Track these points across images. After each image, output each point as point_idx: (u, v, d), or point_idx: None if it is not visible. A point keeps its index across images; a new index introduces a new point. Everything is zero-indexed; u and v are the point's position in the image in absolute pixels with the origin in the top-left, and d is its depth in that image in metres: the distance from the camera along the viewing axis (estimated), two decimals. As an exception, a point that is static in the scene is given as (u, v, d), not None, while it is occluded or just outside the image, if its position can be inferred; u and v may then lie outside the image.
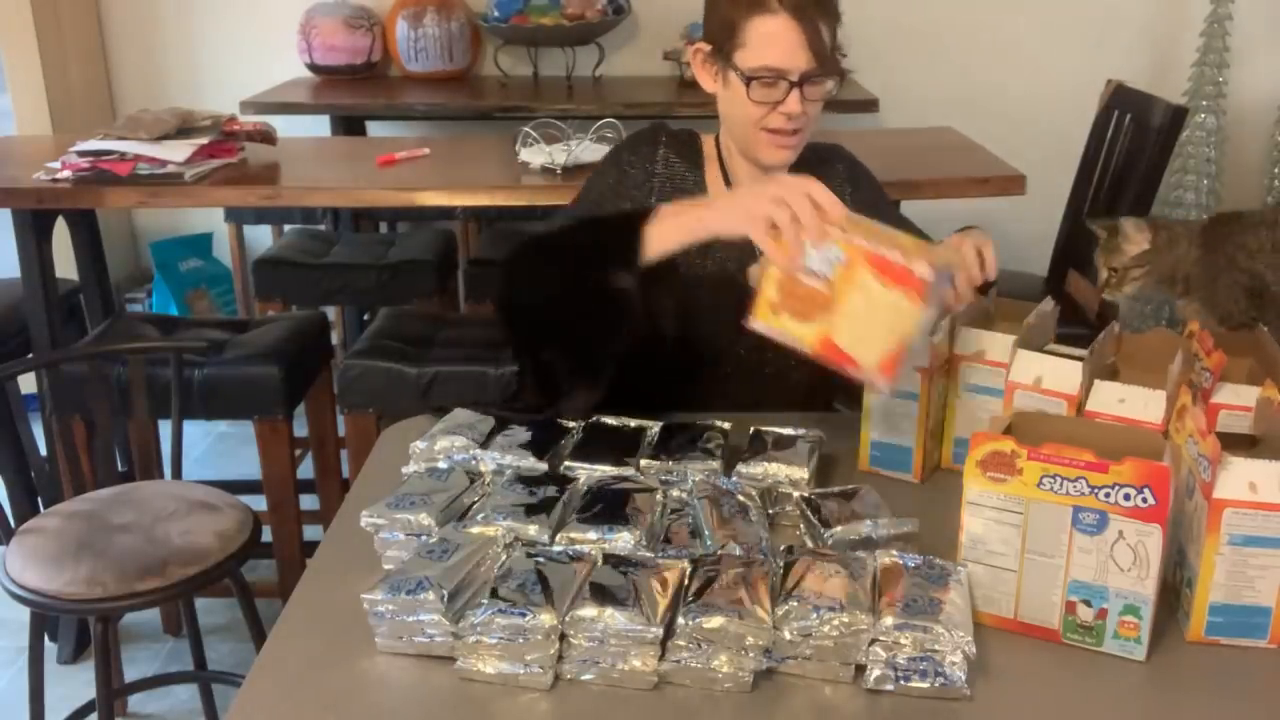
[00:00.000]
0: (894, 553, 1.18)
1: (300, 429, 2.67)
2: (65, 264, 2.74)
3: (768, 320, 1.33)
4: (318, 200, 3.00)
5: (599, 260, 1.46)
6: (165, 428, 2.32)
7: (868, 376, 1.30)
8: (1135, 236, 1.83)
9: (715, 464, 1.39)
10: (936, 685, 1.06)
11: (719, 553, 1.18)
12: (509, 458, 1.39)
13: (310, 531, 2.57)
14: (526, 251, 1.57)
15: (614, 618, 1.06)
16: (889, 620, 1.06)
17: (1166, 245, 1.83)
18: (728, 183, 1.73)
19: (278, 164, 2.56)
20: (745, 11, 1.56)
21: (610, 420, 1.49)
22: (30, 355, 2.59)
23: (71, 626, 2.62)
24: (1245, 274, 1.74)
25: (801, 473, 1.36)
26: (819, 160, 1.77)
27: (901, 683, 1.06)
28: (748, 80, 1.57)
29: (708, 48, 1.64)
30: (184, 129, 2.47)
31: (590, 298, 1.47)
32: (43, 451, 2.43)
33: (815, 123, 1.64)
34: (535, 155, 2.51)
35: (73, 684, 2.51)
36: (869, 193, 1.81)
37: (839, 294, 1.29)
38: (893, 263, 1.26)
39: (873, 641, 1.07)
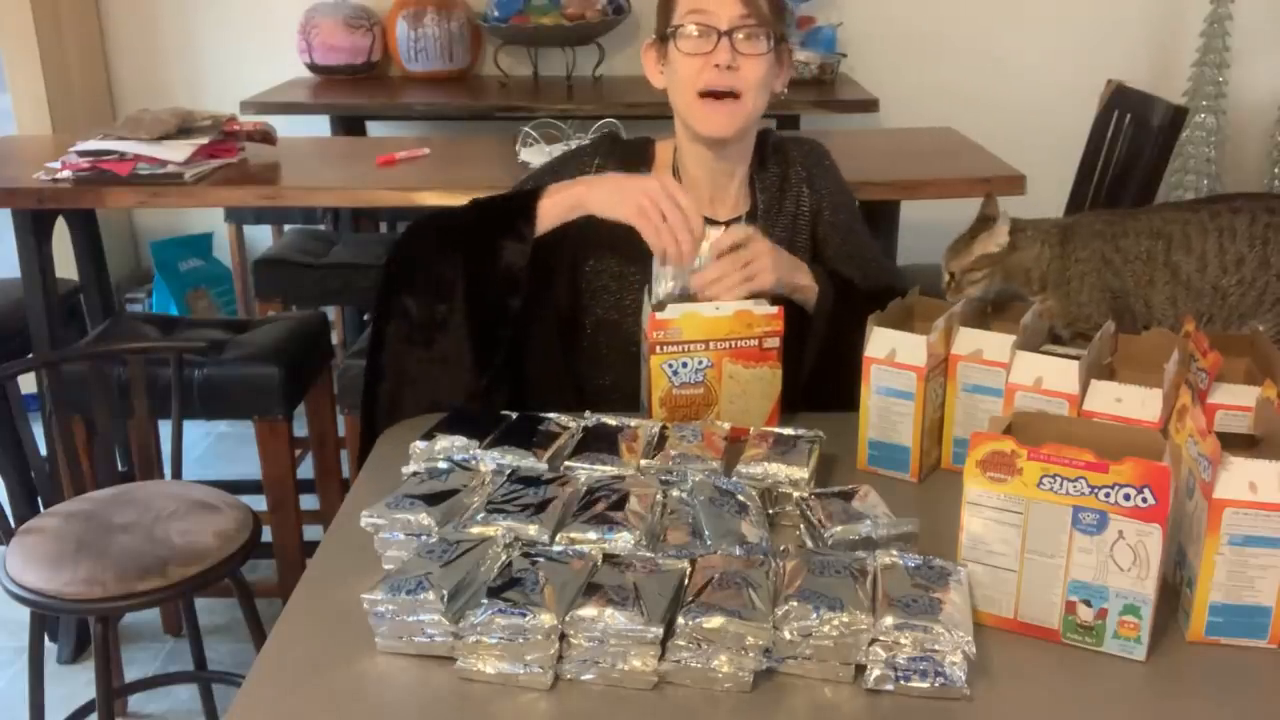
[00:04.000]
0: (894, 553, 1.18)
1: (300, 429, 2.67)
2: (65, 264, 2.74)
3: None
4: (318, 200, 3.01)
5: (495, 231, 1.62)
6: (165, 428, 2.32)
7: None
8: (998, 234, 1.66)
9: (715, 464, 1.39)
10: (936, 685, 1.06)
11: (719, 553, 1.18)
12: (509, 458, 1.39)
13: (310, 531, 2.57)
14: (428, 222, 1.70)
15: (614, 618, 1.06)
16: (889, 620, 1.06)
17: (1022, 246, 1.67)
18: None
19: (278, 164, 2.56)
20: None
21: (610, 420, 1.50)
22: (30, 355, 2.59)
23: (71, 626, 2.62)
24: (1116, 278, 1.67)
25: (801, 473, 1.36)
26: (778, 155, 1.78)
27: (901, 683, 1.06)
28: (675, 31, 1.60)
29: (652, 39, 1.68)
30: (184, 129, 2.48)
31: (482, 272, 1.61)
32: (43, 451, 2.43)
33: (758, 94, 1.64)
34: (535, 155, 2.51)
35: (73, 684, 2.51)
36: (829, 200, 1.79)
37: (713, 389, 1.55)
38: (749, 347, 1.54)
39: (873, 641, 1.07)
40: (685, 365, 1.54)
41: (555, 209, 1.61)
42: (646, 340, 1.54)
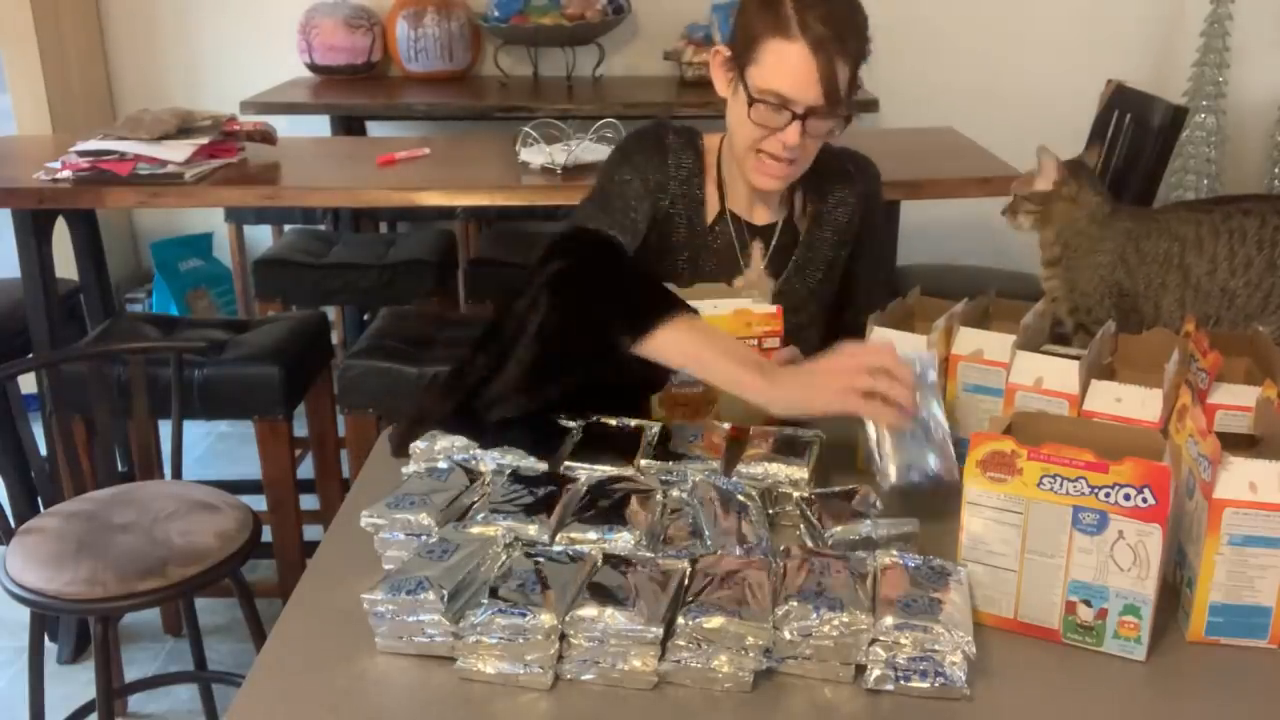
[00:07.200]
0: (894, 553, 1.18)
1: (300, 429, 2.67)
2: (65, 264, 2.74)
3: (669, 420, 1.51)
4: (318, 200, 3.01)
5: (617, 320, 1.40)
6: (165, 428, 2.32)
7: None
8: (1046, 171, 1.73)
9: (715, 464, 1.39)
10: (936, 685, 1.06)
11: (719, 553, 1.18)
12: (509, 458, 1.39)
13: (310, 531, 2.57)
14: (566, 280, 1.47)
15: (614, 618, 1.06)
16: (889, 620, 1.06)
17: (1066, 199, 1.72)
18: (720, 183, 1.71)
19: (278, 164, 2.56)
20: (766, 30, 1.52)
21: (610, 420, 1.49)
22: (30, 355, 2.59)
23: (71, 626, 2.62)
24: (1129, 278, 1.68)
25: (801, 473, 1.36)
26: (838, 171, 1.74)
27: (901, 683, 1.06)
28: (751, 100, 1.54)
29: (727, 52, 1.61)
30: (184, 129, 2.47)
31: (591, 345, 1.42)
32: (43, 451, 2.43)
33: (811, 157, 1.62)
34: (535, 155, 2.51)
35: (73, 684, 2.51)
36: (870, 224, 1.78)
37: (713, 388, 1.48)
38: (751, 348, 1.47)
39: (873, 641, 1.07)
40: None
41: (680, 358, 1.38)
42: None
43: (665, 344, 1.36)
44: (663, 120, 1.76)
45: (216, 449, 3.65)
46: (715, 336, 1.39)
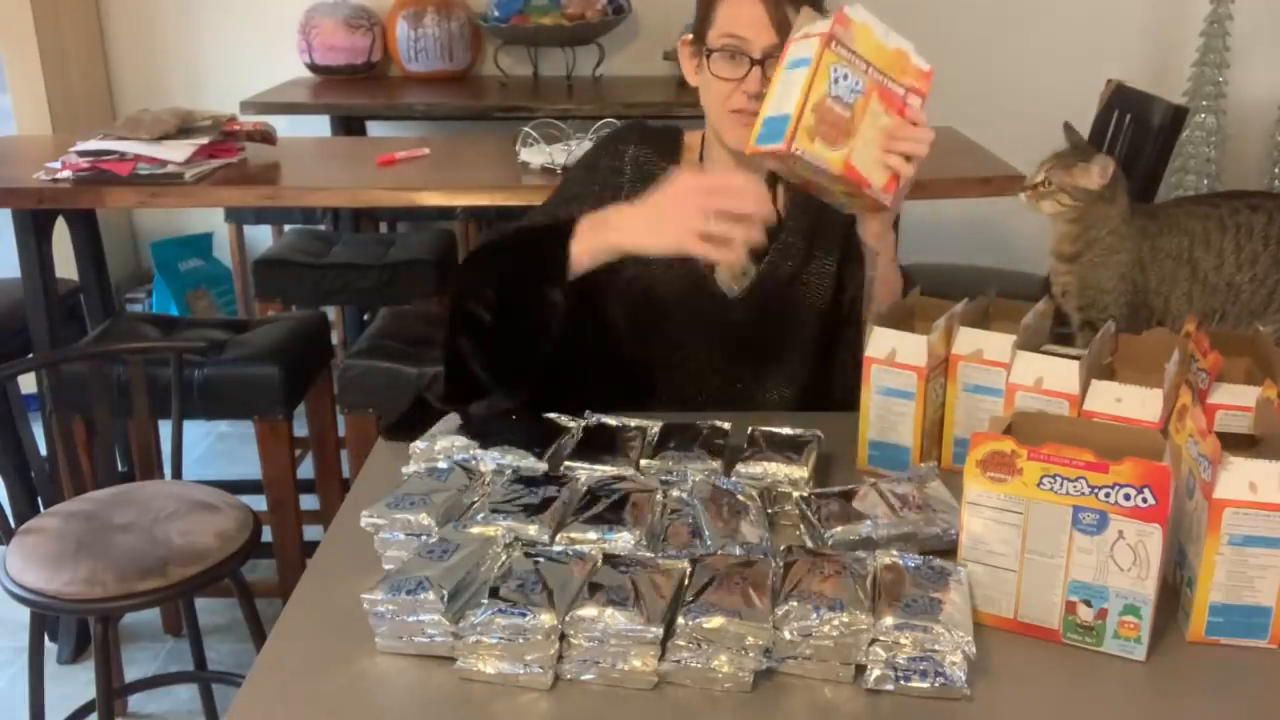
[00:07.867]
0: (894, 553, 1.18)
1: (300, 429, 2.67)
2: (65, 264, 2.74)
3: (805, 145, 1.38)
4: (318, 200, 3.01)
5: (531, 273, 1.53)
6: (165, 428, 2.32)
7: (876, 195, 1.43)
8: (1094, 172, 1.72)
9: (715, 464, 1.39)
10: (936, 685, 1.06)
11: (719, 553, 1.18)
12: (509, 458, 1.39)
13: (310, 531, 2.57)
14: (476, 257, 1.64)
15: (614, 618, 1.06)
16: (889, 620, 1.06)
17: (1106, 198, 1.72)
18: None
19: (278, 164, 2.56)
20: None
21: (610, 420, 1.49)
22: (30, 355, 2.59)
23: (71, 626, 2.62)
24: (1142, 275, 1.68)
25: (801, 472, 1.37)
26: None
27: (901, 683, 1.06)
28: (709, 53, 1.59)
29: (690, 37, 1.67)
30: (184, 129, 2.48)
31: (519, 309, 1.53)
32: (43, 451, 2.44)
33: None
34: (535, 155, 2.51)
35: (73, 684, 2.51)
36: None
37: (857, 121, 1.40)
38: (895, 95, 1.42)
39: (873, 641, 1.07)
40: (847, 77, 1.38)
41: (588, 257, 1.49)
42: (813, 39, 1.39)
43: (580, 257, 1.48)
44: (639, 121, 1.81)
45: (216, 449, 3.65)
46: (596, 222, 1.50)
